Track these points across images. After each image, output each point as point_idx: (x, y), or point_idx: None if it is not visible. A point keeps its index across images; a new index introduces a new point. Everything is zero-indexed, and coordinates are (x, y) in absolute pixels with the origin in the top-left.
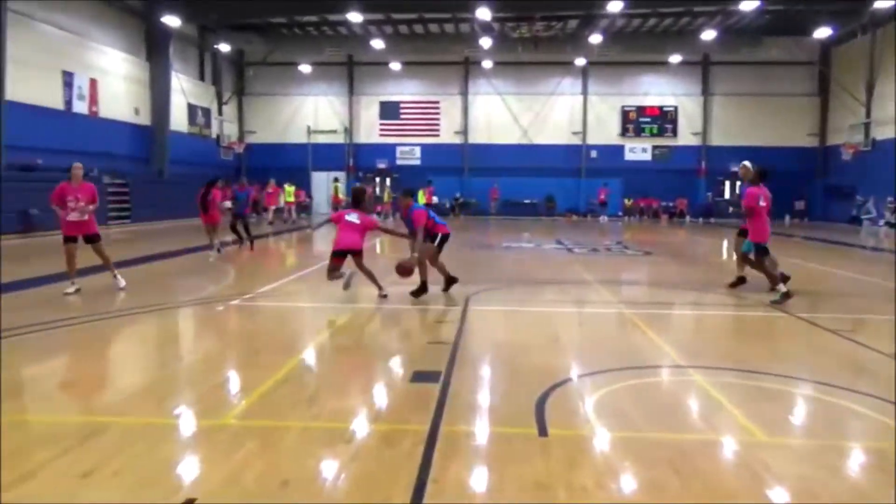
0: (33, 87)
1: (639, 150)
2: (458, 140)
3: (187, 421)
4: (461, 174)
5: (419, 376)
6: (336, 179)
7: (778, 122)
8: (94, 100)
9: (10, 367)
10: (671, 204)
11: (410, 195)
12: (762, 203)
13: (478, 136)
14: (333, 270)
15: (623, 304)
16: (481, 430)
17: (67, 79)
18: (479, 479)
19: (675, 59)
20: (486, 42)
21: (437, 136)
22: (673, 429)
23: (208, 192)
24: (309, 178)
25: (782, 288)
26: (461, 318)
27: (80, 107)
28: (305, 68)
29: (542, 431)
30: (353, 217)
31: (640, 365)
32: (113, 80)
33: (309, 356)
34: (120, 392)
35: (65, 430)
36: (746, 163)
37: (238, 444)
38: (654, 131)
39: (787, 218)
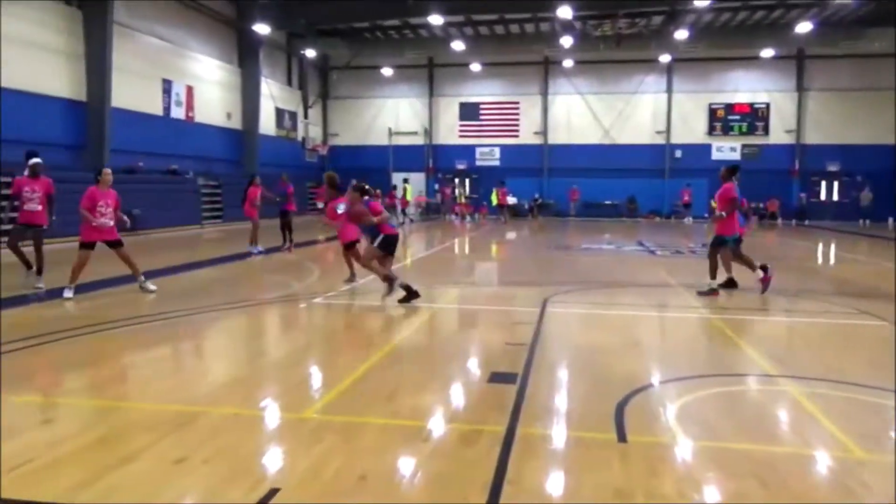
0: (135, 94)
1: (727, 150)
2: (537, 140)
3: (272, 414)
4: (541, 175)
5: (496, 377)
6: (405, 180)
7: (880, 119)
8: (190, 105)
9: (112, 357)
10: (762, 205)
11: (361, 192)
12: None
13: (558, 137)
14: (356, 260)
15: (708, 309)
16: (558, 434)
17: (166, 86)
18: (555, 483)
19: (766, 53)
20: (566, 41)
21: (517, 136)
22: (761, 440)
23: (247, 190)
24: (389, 180)
25: (714, 284)
26: (538, 319)
27: (178, 112)
28: (387, 71)
29: (622, 437)
30: (341, 208)
31: (726, 373)
32: (207, 86)
33: (388, 354)
34: (210, 383)
35: (160, 417)
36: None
37: (318, 438)
38: (744, 129)
39: (891, 221)
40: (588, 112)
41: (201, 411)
